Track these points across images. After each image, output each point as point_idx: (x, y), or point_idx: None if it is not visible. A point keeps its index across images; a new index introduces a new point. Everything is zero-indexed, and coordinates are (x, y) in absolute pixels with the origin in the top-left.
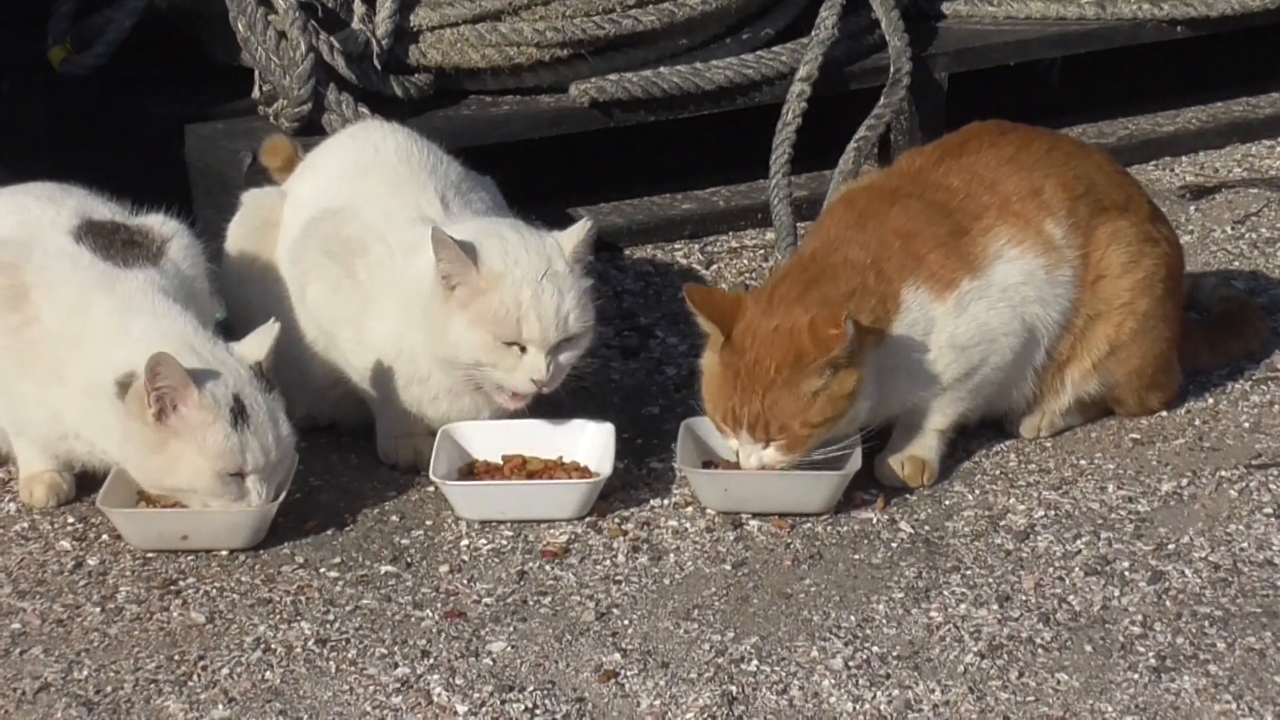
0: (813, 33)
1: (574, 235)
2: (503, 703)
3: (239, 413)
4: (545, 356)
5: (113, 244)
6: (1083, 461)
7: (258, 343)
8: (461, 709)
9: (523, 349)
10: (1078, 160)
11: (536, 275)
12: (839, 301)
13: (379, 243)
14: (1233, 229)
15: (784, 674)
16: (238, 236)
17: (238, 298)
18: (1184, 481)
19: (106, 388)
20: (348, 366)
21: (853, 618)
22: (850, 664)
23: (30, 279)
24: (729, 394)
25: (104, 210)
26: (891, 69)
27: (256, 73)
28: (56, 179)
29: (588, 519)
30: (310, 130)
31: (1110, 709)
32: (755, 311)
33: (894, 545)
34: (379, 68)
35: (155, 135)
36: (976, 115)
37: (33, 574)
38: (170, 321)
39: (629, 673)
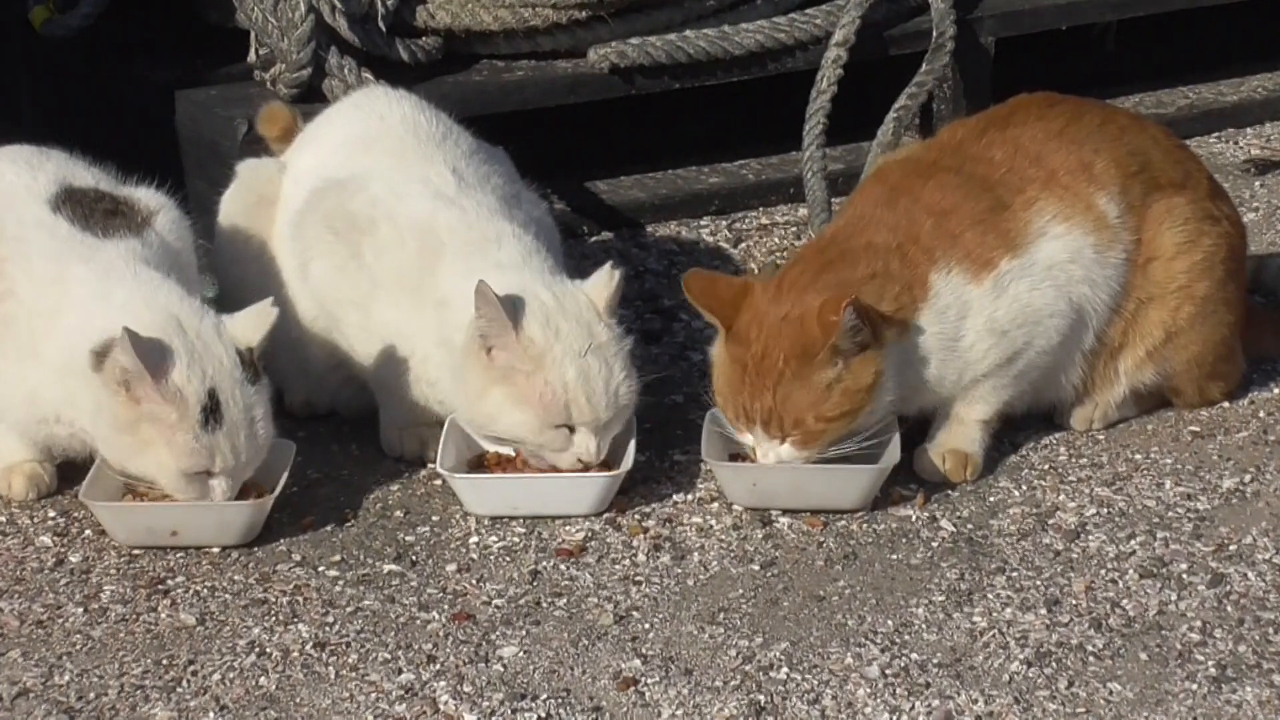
0: None
1: (603, 288)
2: (514, 711)
3: (212, 411)
4: (596, 436)
5: (93, 213)
6: (1138, 456)
7: (252, 325)
8: (470, 718)
9: (571, 429)
10: (1133, 135)
11: (580, 349)
12: (855, 286)
13: (387, 221)
14: None
15: (816, 682)
16: (232, 210)
17: (231, 276)
18: (1247, 478)
19: (82, 358)
20: (351, 351)
21: (890, 622)
22: (887, 672)
23: (3, 251)
24: (738, 389)
25: (86, 176)
26: (934, 33)
27: (252, 35)
28: (38, 145)
29: (606, 515)
30: (310, 97)
31: None
32: (763, 300)
33: (934, 545)
34: (384, 30)
35: (144, 102)
36: (1025, 83)
37: (10, 571)
38: (154, 290)
39: (649, 680)
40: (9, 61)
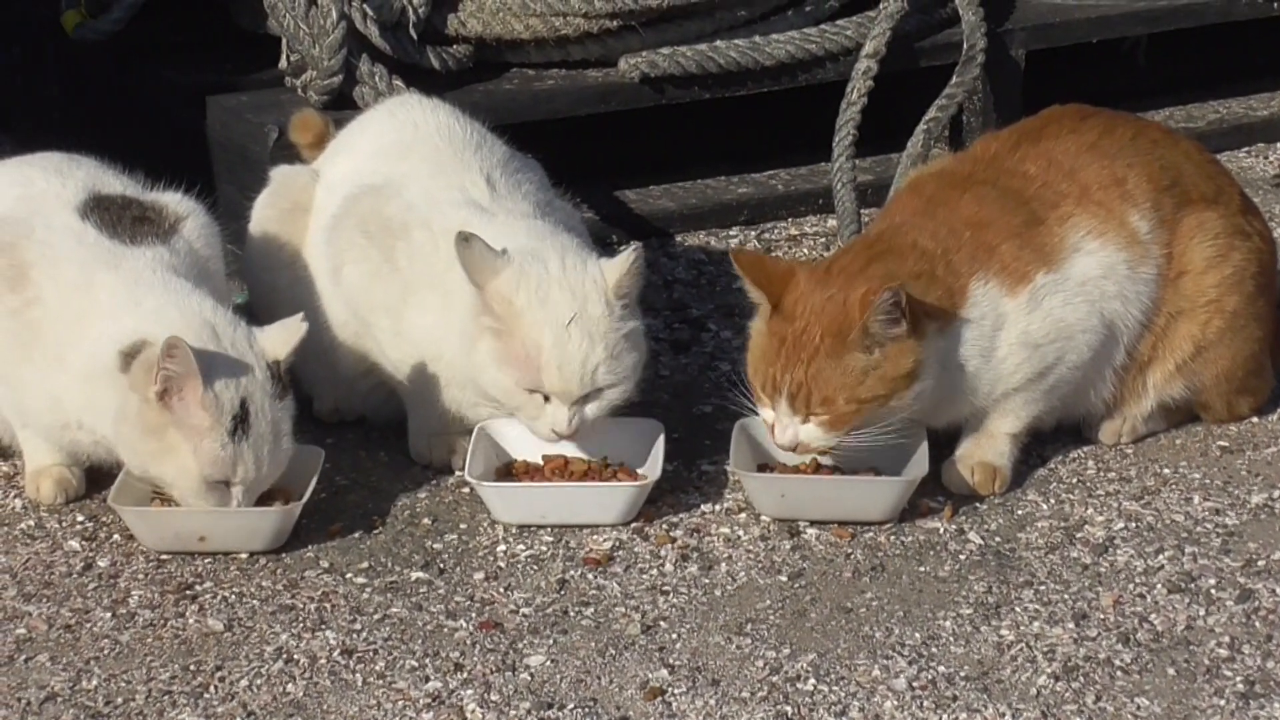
0: (880, 5)
1: (618, 267)
2: None
3: (241, 420)
4: (569, 409)
5: (121, 220)
6: (1166, 470)
7: (281, 338)
8: None
9: (547, 398)
10: (1164, 148)
11: (562, 319)
12: (901, 280)
13: (421, 227)
14: None
15: (843, 694)
16: (264, 217)
17: (262, 282)
18: (1276, 493)
19: (108, 363)
20: (381, 357)
21: (917, 635)
22: (914, 685)
23: (31, 257)
24: (772, 360)
25: (115, 184)
26: (965, 45)
27: (284, 41)
28: (69, 151)
29: (633, 524)
30: (340, 104)
31: None
32: (809, 281)
33: (962, 557)
34: (415, 37)
35: (175, 106)
36: (1055, 96)
37: (39, 575)
38: (185, 297)
39: (676, 691)
40: (41, 65)
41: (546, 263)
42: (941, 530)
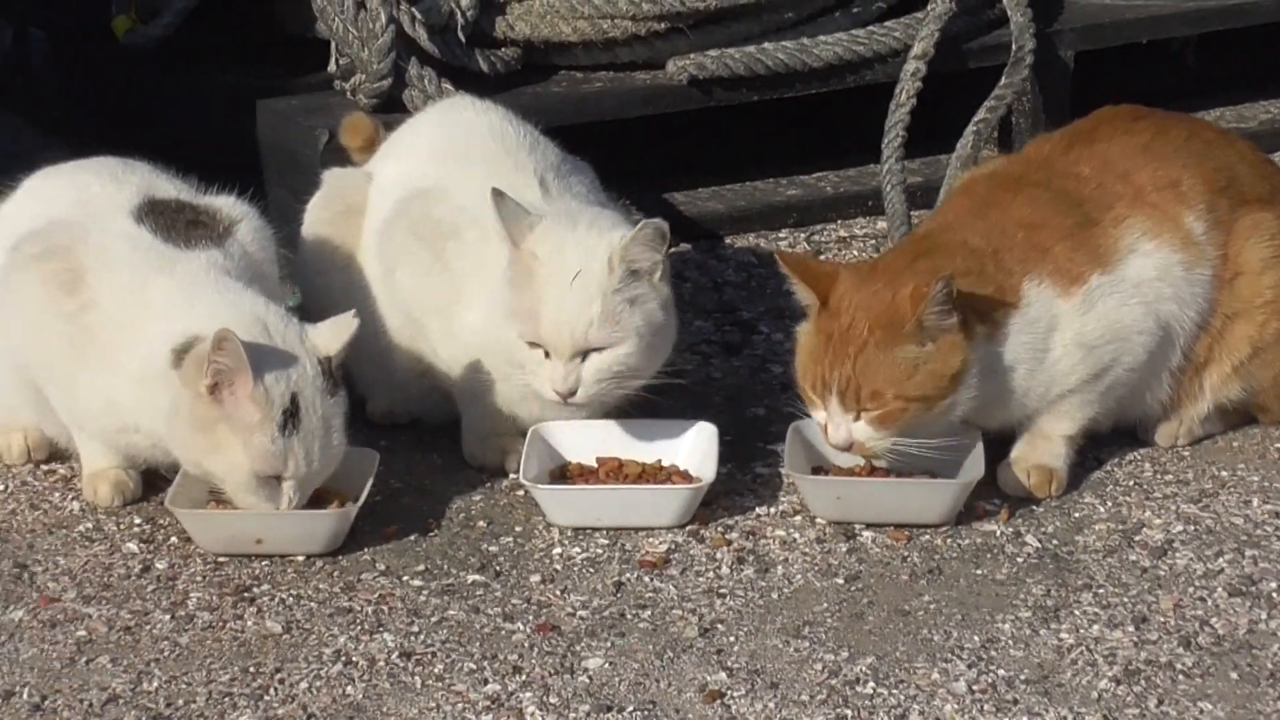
0: (929, 7)
1: (629, 234)
2: None
3: (291, 415)
4: (565, 365)
5: (175, 224)
6: (1224, 473)
7: (333, 335)
8: None
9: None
10: (1219, 149)
11: (567, 274)
12: (950, 275)
13: (472, 226)
14: None
15: (903, 697)
16: (318, 219)
17: (315, 285)
18: None
19: (161, 363)
20: (435, 358)
21: (976, 638)
22: (974, 688)
23: (86, 262)
24: (820, 358)
25: (169, 188)
26: (1013, 46)
27: (333, 45)
28: (119, 156)
29: (688, 527)
30: (390, 107)
31: None
32: (855, 279)
33: (1019, 560)
34: (463, 40)
35: (225, 110)
36: (1104, 97)
37: (98, 578)
38: (238, 296)
39: (735, 694)
40: (92, 71)
41: (576, 222)
42: (998, 533)
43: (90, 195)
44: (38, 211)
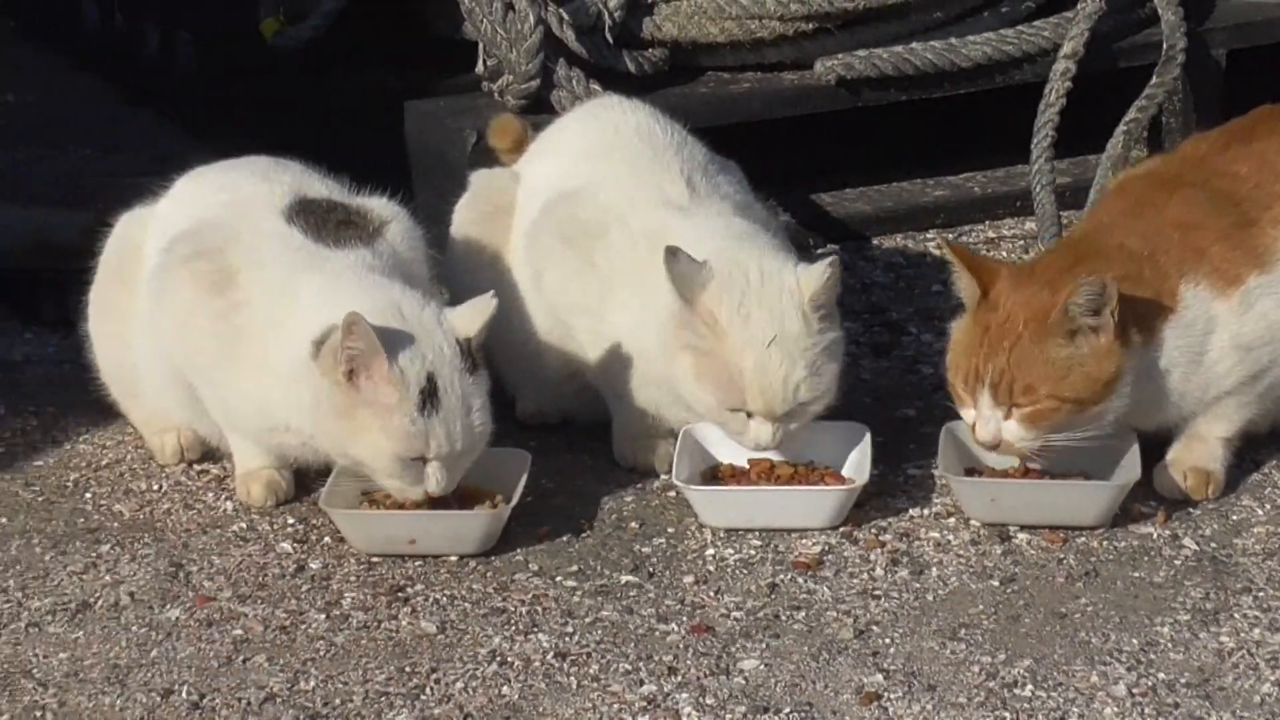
0: (1078, 6)
1: (815, 279)
2: None
3: (429, 395)
4: (773, 425)
5: (325, 224)
6: None
7: (471, 316)
8: None
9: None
10: None
11: (764, 339)
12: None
13: (619, 227)
14: None
15: (1062, 700)
16: (466, 220)
17: (465, 286)
18: None
19: (304, 358)
20: (584, 359)
21: (1135, 641)
22: (1134, 691)
23: (237, 262)
24: (974, 350)
25: (320, 187)
26: (1164, 45)
27: (480, 46)
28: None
29: (841, 529)
30: (537, 108)
31: None
32: (1014, 278)
33: (1177, 563)
34: (610, 41)
35: (372, 112)
36: (1257, 96)
37: (253, 577)
38: (374, 285)
39: (893, 695)
40: (238, 72)
41: (747, 273)
42: (1155, 535)
43: (242, 195)
44: (191, 211)
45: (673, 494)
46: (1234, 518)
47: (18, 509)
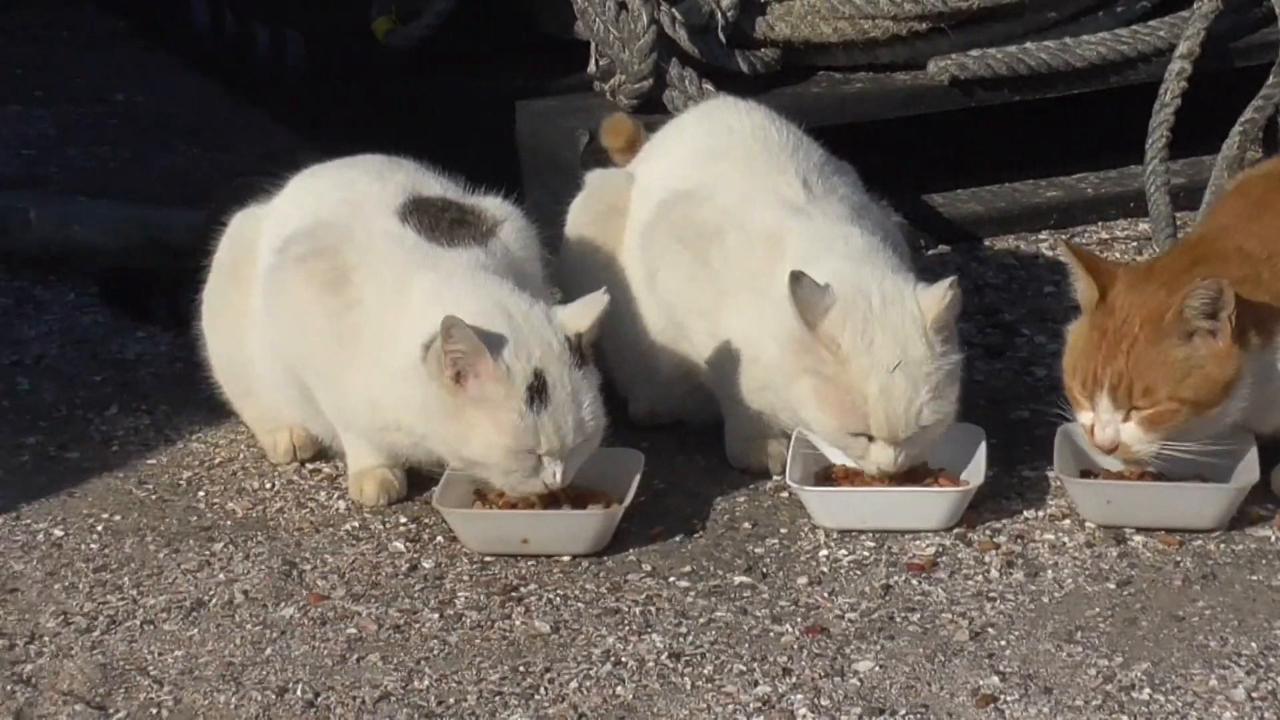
0: (1194, 5)
1: (936, 301)
2: None
3: (538, 391)
4: (895, 449)
5: (439, 223)
6: None
7: (582, 312)
8: None
9: (871, 438)
10: None
11: (888, 365)
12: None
13: (735, 229)
14: None
15: (1180, 704)
16: (580, 220)
17: (579, 286)
18: None
19: (415, 359)
20: (698, 360)
21: (1253, 644)
22: (1254, 695)
23: (352, 260)
24: (1092, 354)
25: (434, 186)
26: None
27: (593, 46)
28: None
29: (955, 530)
30: (650, 108)
31: None
32: (1131, 280)
33: None
34: (723, 41)
35: (483, 112)
36: None
37: (366, 576)
38: (482, 285)
39: (1009, 698)
40: (349, 72)
41: (869, 297)
42: (1273, 539)
43: (356, 194)
44: (305, 210)
45: (785, 495)
46: None
47: (131, 507)
